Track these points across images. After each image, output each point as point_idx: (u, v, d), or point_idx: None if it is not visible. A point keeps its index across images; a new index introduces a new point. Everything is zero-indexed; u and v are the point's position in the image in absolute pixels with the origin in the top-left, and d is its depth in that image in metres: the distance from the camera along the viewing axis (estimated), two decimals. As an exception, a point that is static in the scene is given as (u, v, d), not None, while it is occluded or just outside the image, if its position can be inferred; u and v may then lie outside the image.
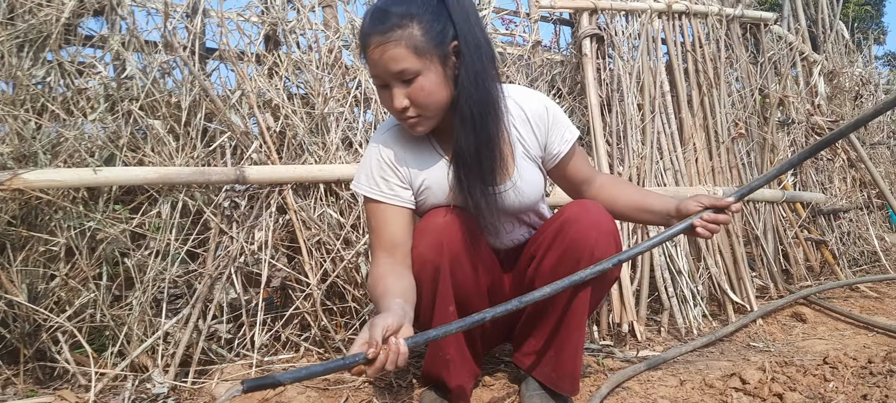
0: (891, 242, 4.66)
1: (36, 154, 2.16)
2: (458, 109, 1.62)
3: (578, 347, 1.84)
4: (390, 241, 1.72)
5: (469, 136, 1.63)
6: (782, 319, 3.04)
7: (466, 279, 1.77)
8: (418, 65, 1.55)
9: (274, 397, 2.06)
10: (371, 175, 1.77)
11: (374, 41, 1.54)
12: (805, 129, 4.14)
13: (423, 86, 1.57)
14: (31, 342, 2.17)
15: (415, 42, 1.53)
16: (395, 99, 1.59)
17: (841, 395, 1.77)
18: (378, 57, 1.55)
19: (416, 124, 1.65)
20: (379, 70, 1.57)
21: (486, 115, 1.64)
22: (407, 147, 1.78)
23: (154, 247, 2.29)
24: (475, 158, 1.65)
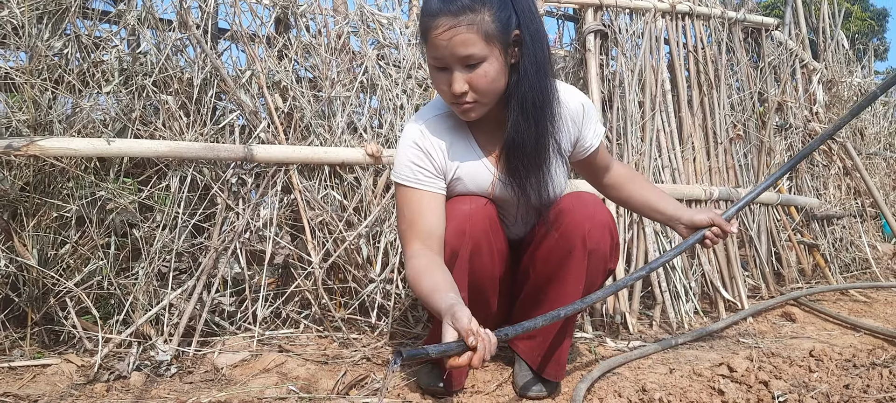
0: (882, 251, 4.72)
1: (51, 123, 2.21)
2: (518, 98, 1.62)
3: (566, 338, 1.92)
4: (426, 231, 1.70)
5: (530, 126, 1.65)
6: (772, 318, 3.11)
7: (483, 268, 1.82)
8: (485, 51, 1.54)
9: (276, 368, 2.12)
10: (406, 161, 1.75)
11: (443, 23, 1.52)
12: (802, 135, 4.20)
13: (487, 73, 1.56)
14: (39, 306, 2.23)
15: (485, 28, 1.52)
16: (456, 83, 1.57)
17: (824, 384, 1.84)
18: (446, 40, 1.52)
19: (469, 110, 1.64)
20: (443, 52, 1.55)
21: (545, 106, 1.66)
22: (442, 136, 1.78)
23: (161, 220, 2.35)
24: (534, 149, 1.68)
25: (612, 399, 1.93)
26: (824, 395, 1.76)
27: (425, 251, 1.66)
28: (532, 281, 1.92)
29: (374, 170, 2.65)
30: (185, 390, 1.95)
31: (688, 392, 1.92)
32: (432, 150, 1.75)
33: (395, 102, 2.80)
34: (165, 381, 2.03)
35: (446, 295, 1.48)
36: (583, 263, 1.78)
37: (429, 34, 1.55)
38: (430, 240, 1.69)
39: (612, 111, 3.16)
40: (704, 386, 1.97)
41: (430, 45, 1.57)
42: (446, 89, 1.61)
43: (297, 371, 2.10)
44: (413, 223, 1.72)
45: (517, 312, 2.04)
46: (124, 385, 1.97)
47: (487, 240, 1.80)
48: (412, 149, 1.75)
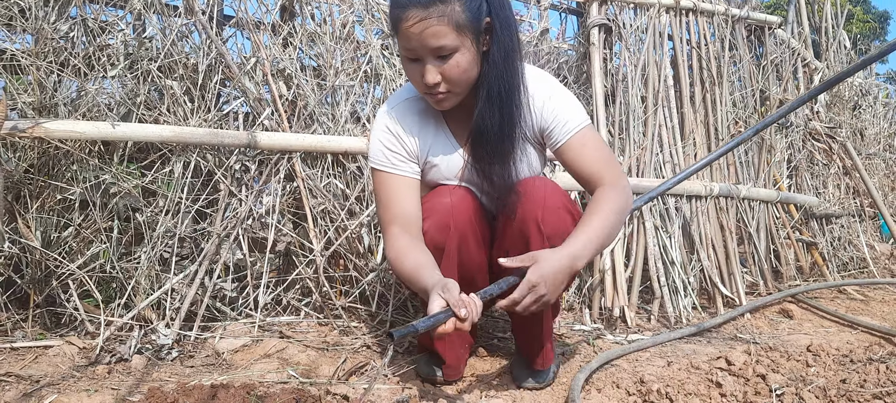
0: (880, 251, 4.74)
1: (56, 106, 2.22)
2: (486, 87, 1.63)
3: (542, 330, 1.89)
4: (403, 214, 1.73)
5: (494, 115, 1.65)
6: (770, 315, 3.12)
7: (471, 257, 1.83)
8: (457, 42, 1.54)
9: (277, 354, 2.13)
10: (379, 146, 1.79)
11: (414, 14, 1.51)
12: (803, 133, 4.22)
13: (459, 63, 1.57)
14: (42, 288, 2.24)
15: (456, 19, 1.52)
16: (428, 74, 1.58)
17: (821, 378, 1.85)
18: (417, 31, 1.52)
19: (443, 100, 1.65)
20: (415, 44, 1.55)
21: (512, 95, 1.66)
22: (415, 120, 1.81)
23: (164, 205, 2.36)
24: (498, 137, 1.68)
25: (610, 390, 1.94)
26: (821, 389, 1.77)
27: (404, 234, 1.69)
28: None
29: (377, 159, 2.66)
30: (186, 373, 1.97)
31: (686, 384, 1.93)
32: (403, 134, 1.78)
33: (398, 92, 2.81)
34: (166, 365, 2.04)
35: (432, 272, 1.54)
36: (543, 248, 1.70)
37: (399, 25, 1.54)
38: (407, 224, 1.72)
39: (614, 106, 3.17)
40: (702, 379, 1.99)
41: (400, 35, 1.56)
42: (419, 80, 1.62)
43: (297, 357, 2.11)
44: (389, 207, 1.76)
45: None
46: (126, 367, 1.98)
47: (473, 230, 1.80)
48: (384, 133, 1.78)
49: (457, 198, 1.78)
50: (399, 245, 1.67)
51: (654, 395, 1.85)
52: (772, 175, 3.80)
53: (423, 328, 1.42)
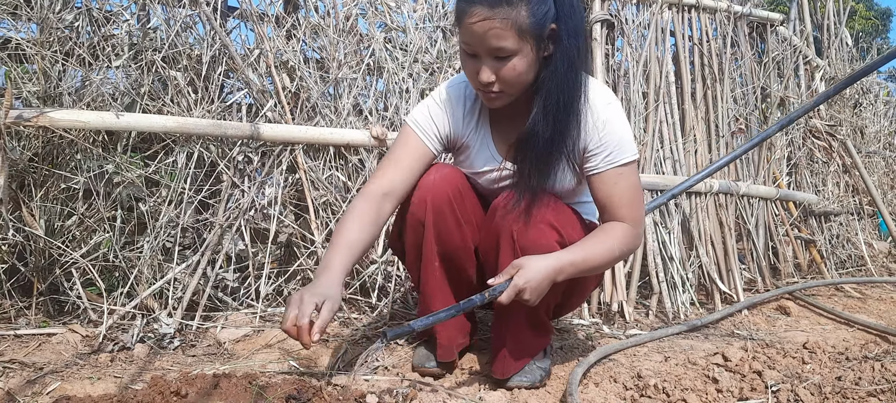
0: (878, 249, 4.76)
1: (61, 95, 2.23)
2: (544, 94, 1.60)
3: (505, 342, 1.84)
4: (391, 182, 1.77)
5: (548, 125, 1.62)
6: (767, 311, 3.14)
7: (451, 236, 1.83)
8: (517, 46, 1.52)
9: (278, 344, 2.15)
10: (425, 110, 1.82)
11: (478, 12, 1.49)
12: (803, 131, 4.23)
13: (516, 67, 1.54)
14: (45, 276, 2.26)
15: (520, 23, 1.49)
16: (483, 73, 1.56)
17: (817, 375, 1.87)
18: (480, 30, 1.50)
19: (495, 99, 1.64)
20: (475, 41, 1.53)
21: (570, 106, 1.62)
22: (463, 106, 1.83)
23: (167, 195, 2.38)
24: (546, 147, 1.64)
25: (607, 385, 1.96)
26: (817, 386, 1.79)
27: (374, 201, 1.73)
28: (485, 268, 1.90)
29: (379, 152, 2.68)
30: (188, 362, 1.99)
31: (682, 379, 1.95)
32: (448, 114, 1.81)
33: (401, 86, 2.82)
34: (168, 353, 2.06)
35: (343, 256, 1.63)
36: (510, 258, 1.69)
37: (462, 19, 1.53)
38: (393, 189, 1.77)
39: (615, 101, 3.18)
40: (699, 374, 2.01)
41: (462, 29, 1.55)
42: (474, 76, 1.61)
43: (298, 347, 2.13)
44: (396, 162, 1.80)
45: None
46: (128, 356, 2.00)
47: (451, 209, 1.79)
48: (435, 103, 1.82)
49: (440, 175, 1.80)
50: (360, 206, 1.72)
51: (651, 390, 1.87)
52: (771, 172, 3.81)
53: (420, 327, 1.45)
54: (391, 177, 1.78)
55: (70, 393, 1.61)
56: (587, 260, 1.67)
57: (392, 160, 1.81)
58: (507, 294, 1.56)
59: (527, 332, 1.86)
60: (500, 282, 1.58)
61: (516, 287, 1.56)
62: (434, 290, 1.89)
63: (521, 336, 1.85)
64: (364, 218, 1.70)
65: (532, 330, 1.87)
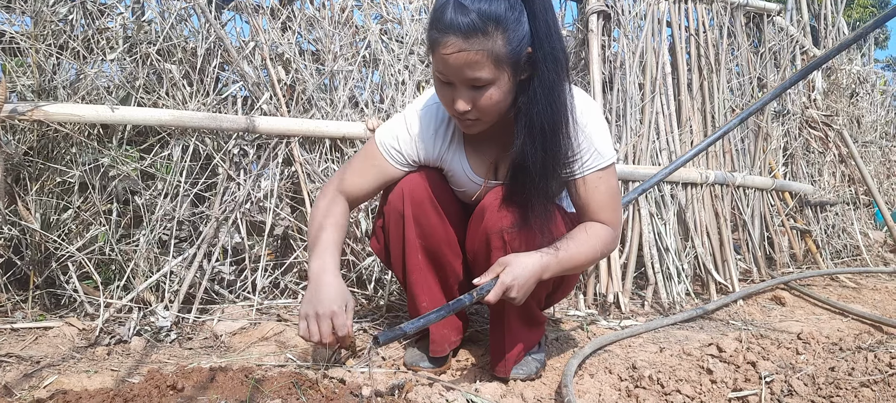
0: (874, 239, 4.77)
1: (55, 88, 2.23)
2: (526, 122, 1.55)
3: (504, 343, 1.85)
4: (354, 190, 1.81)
5: (536, 151, 1.57)
6: (762, 302, 3.16)
7: (433, 229, 1.82)
8: (494, 75, 1.47)
9: (274, 337, 2.16)
10: (392, 134, 1.79)
11: (453, 43, 1.43)
12: (799, 121, 4.23)
13: (492, 96, 1.50)
14: (41, 270, 2.26)
15: (496, 53, 1.43)
16: (459, 102, 1.52)
17: (810, 366, 1.88)
18: (454, 60, 1.45)
19: (471, 126, 1.61)
20: (449, 71, 1.48)
21: (556, 130, 1.57)
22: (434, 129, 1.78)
23: (163, 188, 2.37)
24: (542, 174, 1.61)
25: (602, 376, 1.97)
26: (810, 377, 1.81)
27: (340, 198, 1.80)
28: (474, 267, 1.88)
29: (375, 144, 2.67)
30: (184, 355, 1.99)
31: (677, 370, 1.96)
32: (418, 140, 1.79)
33: (396, 78, 2.82)
34: (165, 346, 2.06)
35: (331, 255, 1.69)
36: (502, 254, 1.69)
37: (436, 48, 1.47)
38: (350, 196, 1.82)
39: (612, 92, 3.18)
40: (693, 365, 2.02)
41: (435, 57, 1.49)
42: (449, 104, 1.57)
43: (295, 340, 2.14)
44: (355, 172, 1.82)
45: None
46: (125, 349, 2.01)
47: (430, 199, 1.80)
48: (403, 128, 1.79)
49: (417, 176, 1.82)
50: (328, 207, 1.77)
51: (646, 381, 1.88)
52: (767, 162, 3.82)
53: (411, 330, 1.46)
54: (354, 187, 1.82)
55: (67, 387, 1.61)
56: (572, 259, 1.67)
57: (355, 170, 1.83)
58: (494, 292, 1.56)
59: (522, 328, 1.86)
60: (486, 281, 1.58)
61: (503, 285, 1.56)
62: (419, 282, 1.88)
63: (518, 332, 1.85)
64: (338, 219, 1.77)
65: (526, 325, 1.88)
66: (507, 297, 1.58)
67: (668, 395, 1.82)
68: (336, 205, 1.79)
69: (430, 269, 1.89)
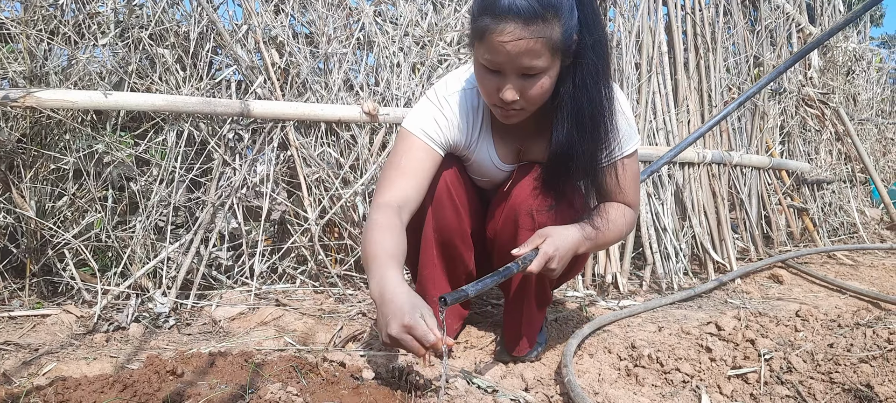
0: (870, 216, 4.79)
1: (47, 74, 2.20)
2: (573, 110, 1.53)
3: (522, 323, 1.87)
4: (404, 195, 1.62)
5: (584, 139, 1.56)
6: (760, 280, 3.16)
7: (449, 222, 1.81)
8: (548, 63, 1.42)
9: (273, 321, 2.15)
10: (426, 119, 1.67)
11: (512, 29, 1.36)
12: (796, 99, 4.23)
13: (543, 85, 1.46)
14: (38, 257, 2.25)
15: (553, 40, 1.39)
16: (508, 92, 1.46)
17: (809, 343, 1.89)
18: (512, 48, 1.38)
19: (513, 116, 1.56)
20: (503, 59, 1.41)
21: (602, 118, 1.56)
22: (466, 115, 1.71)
23: (158, 174, 2.36)
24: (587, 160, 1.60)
25: (602, 356, 1.97)
26: (809, 354, 1.81)
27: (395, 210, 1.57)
28: (496, 249, 1.89)
29: (371, 127, 2.66)
30: (183, 341, 1.99)
31: (676, 348, 1.96)
32: (453, 125, 1.69)
33: (391, 60, 2.79)
34: (164, 332, 2.06)
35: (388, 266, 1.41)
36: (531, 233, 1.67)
37: (488, 36, 1.39)
38: (407, 201, 1.61)
39: (608, 72, 3.17)
40: (692, 344, 2.02)
41: (487, 45, 1.41)
42: (493, 93, 1.49)
43: (294, 324, 2.13)
44: (404, 173, 1.64)
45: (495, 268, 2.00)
46: (123, 335, 2.00)
47: (450, 196, 1.77)
48: (437, 111, 1.68)
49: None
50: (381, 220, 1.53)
51: (645, 360, 1.88)
52: (764, 141, 3.81)
53: (473, 292, 1.44)
54: (404, 188, 1.63)
55: (66, 374, 1.60)
56: (602, 235, 1.69)
57: (400, 171, 1.65)
58: (537, 262, 1.55)
59: (537, 309, 1.88)
60: (527, 251, 1.57)
61: (546, 255, 1.55)
62: (432, 277, 1.87)
63: (535, 312, 1.87)
64: (394, 230, 1.51)
65: (540, 305, 1.90)
66: (548, 268, 1.57)
67: (667, 374, 1.82)
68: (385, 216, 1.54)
69: (442, 264, 1.88)
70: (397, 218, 1.55)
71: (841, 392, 1.62)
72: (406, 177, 1.64)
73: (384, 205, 1.58)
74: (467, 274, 1.95)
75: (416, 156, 1.65)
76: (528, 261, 1.56)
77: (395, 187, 1.62)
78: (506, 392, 1.67)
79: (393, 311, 1.32)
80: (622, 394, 1.71)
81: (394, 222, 1.53)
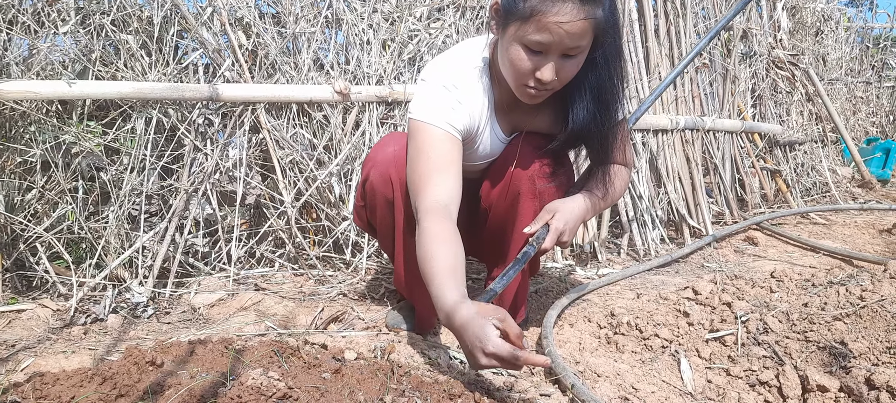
0: (842, 175, 4.86)
1: (8, 66, 2.15)
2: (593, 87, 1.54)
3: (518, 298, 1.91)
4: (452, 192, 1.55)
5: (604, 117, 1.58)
6: (736, 243, 3.21)
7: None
8: (588, 43, 1.43)
9: (253, 306, 2.14)
10: (442, 104, 1.59)
11: (569, 11, 1.35)
12: (766, 62, 4.26)
13: (578, 64, 1.46)
14: (9, 252, 2.21)
15: (598, 22, 1.40)
16: (547, 70, 1.44)
17: (784, 303, 1.92)
18: (569, 28, 1.36)
19: (542, 96, 1.54)
20: (554, 39, 1.38)
21: (617, 95, 1.58)
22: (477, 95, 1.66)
23: (129, 163, 2.32)
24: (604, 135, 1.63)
25: (582, 325, 1.99)
26: (784, 314, 1.84)
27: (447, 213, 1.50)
28: (491, 219, 1.87)
29: (343, 107, 2.63)
30: (163, 330, 1.97)
31: (654, 314, 1.99)
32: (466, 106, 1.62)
33: (361, 37, 2.76)
34: (143, 322, 2.04)
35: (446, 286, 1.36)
36: (531, 205, 1.71)
37: (541, 17, 1.37)
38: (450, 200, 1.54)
39: (580, 42, 3.16)
40: (670, 309, 2.05)
41: (537, 25, 1.38)
42: (528, 72, 1.46)
43: (274, 308, 2.13)
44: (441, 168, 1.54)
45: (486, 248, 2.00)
46: (102, 327, 1.98)
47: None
48: (453, 100, 1.60)
49: (399, 147, 1.69)
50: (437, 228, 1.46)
51: (625, 327, 1.90)
52: (736, 105, 3.84)
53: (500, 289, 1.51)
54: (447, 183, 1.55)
55: (44, 369, 1.58)
56: (606, 199, 1.75)
57: (435, 166, 1.55)
58: (550, 238, 1.61)
59: (525, 279, 1.92)
60: (537, 229, 1.62)
61: (557, 230, 1.61)
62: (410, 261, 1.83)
63: (525, 283, 1.92)
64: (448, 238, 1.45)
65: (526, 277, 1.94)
66: (560, 241, 1.63)
67: (646, 340, 1.84)
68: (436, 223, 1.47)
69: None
70: (449, 221, 1.50)
71: (816, 349, 1.66)
72: (443, 172, 1.55)
73: (432, 210, 1.50)
74: None
75: (446, 148, 1.57)
76: (542, 239, 1.61)
77: (436, 185, 1.53)
78: (488, 365, 1.68)
79: (472, 342, 1.28)
80: (603, 362, 1.73)
81: (447, 227, 1.47)
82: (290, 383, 1.27)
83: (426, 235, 1.45)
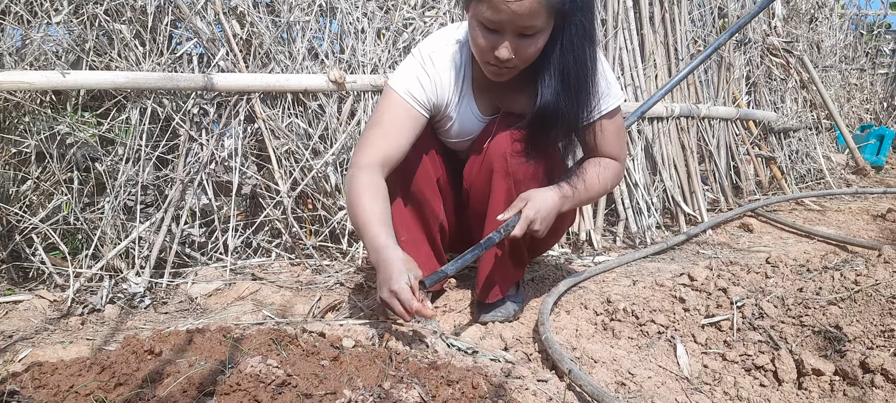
0: (836, 161, 4.88)
1: (1, 56, 2.14)
2: (560, 69, 1.56)
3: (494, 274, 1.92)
4: (386, 152, 1.68)
5: (570, 99, 1.60)
6: (731, 230, 3.22)
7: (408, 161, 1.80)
8: (545, 24, 1.47)
9: (250, 295, 2.14)
10: (412, 79, 1.71)
11: None
12: (761, 49, 4.26)
13: (537, 44, 1.50)
14: (5, 243, 2.20)
15: (554, 2, 1.43)
16: (503, 49, 1.50)
17: (780, 288, 1.93)
18: (516, 7, 1.41)
19: (505, 74, 1.59)
20: (505, 17, 1.44)
21: (587, 77, 1.60)
22: (450, 72, 1.74)
23: (124, 153, 2.31)
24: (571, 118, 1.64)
25: (578, 312, 2.00)
26: (779, 299, 1.85)
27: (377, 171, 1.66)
28: (472, 198, 1.93)
29: (339, 96, 2.63)
30: (160, 320, 1.97)
31: (650, 301, 2.00)
32: (438, 83, 1.72)
33: (355, 26, 2.75)
34: (140, 312, 2.04)
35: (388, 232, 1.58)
36: (504, 183, 1.76)
37: None
38: (387, 161, 1.68)
39: (575, 30, 3.16)
40: (666, 295, 2.06)
41: (489, 4, 1.44)
42: (488, 51, 1.53)
43: (271, 298, 2.13)
44: (386, 133, 1.69)
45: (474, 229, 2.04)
46: (99, 317, 1.98)
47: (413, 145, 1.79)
48: (421, 70, 1.72)
49: None
50: (367, 181, 1.62)
51: (621, 314, 1.91)
52: (731, 92, 3.85)
53: (453, 271, 1.56)
54: (386, 147, 1.69)
55: (42, 359, 1.58)
56: (587, 191, 1.76)
57: (381, 130, 1.71)
58: (519, 226, 1.63)
59: (508, 263, 1.91)
60: (510, 216, 1.65)
61: (527, 218, 1.63)
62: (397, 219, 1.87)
63: (504, 266, 1.91)
64: (379, 193, 1.63)
65: (513, 262, 1.93)
66: (532, 230, 1.65)
67: (642, 326, 1.85)
68: (368, 176, 1.64)
69: (408, 208, 1.91)
70: (381, 178, 1.65)
71: (811, 334, 1.67)
72: (387, 136, 1.69)
73: (366, 166, 1.65)
74: (439, 225, 1.98)
75: (398, 116, 1.71)
76: (511, 227, 1.63)
77: (376, 147, 1.68)
78: (486, 352, 1.69)
79: (384, 277, 1.50)
80: (599, 348, 1.74)
81: (378, 183, 1.63)
82: (289, 370, 1.28)
83: (359, 187, 1.61)
